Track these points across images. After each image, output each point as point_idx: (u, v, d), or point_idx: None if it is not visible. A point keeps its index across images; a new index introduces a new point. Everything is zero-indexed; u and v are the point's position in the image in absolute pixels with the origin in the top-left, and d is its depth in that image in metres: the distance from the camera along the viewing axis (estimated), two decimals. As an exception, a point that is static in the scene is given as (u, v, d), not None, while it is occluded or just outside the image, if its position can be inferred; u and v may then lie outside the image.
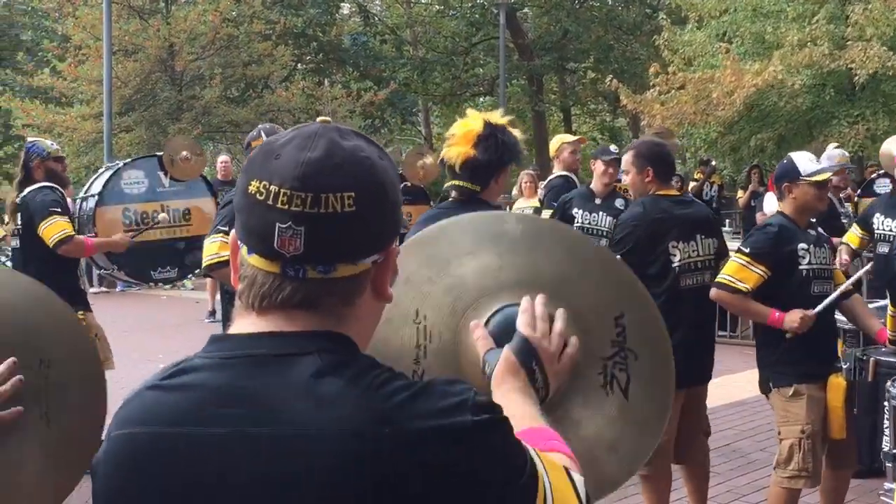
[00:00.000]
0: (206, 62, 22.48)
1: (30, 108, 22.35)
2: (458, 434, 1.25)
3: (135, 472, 1.30)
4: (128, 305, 14.47)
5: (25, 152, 6.54)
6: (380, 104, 26.51)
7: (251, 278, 1.35)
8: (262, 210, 1.31)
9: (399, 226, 1.41)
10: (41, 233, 6.22)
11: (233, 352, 1.33)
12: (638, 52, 29.03)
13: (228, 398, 1.28)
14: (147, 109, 22.38)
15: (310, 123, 1.39)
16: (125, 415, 1.34)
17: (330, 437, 1.23)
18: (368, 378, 1.29)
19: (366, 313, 1.39)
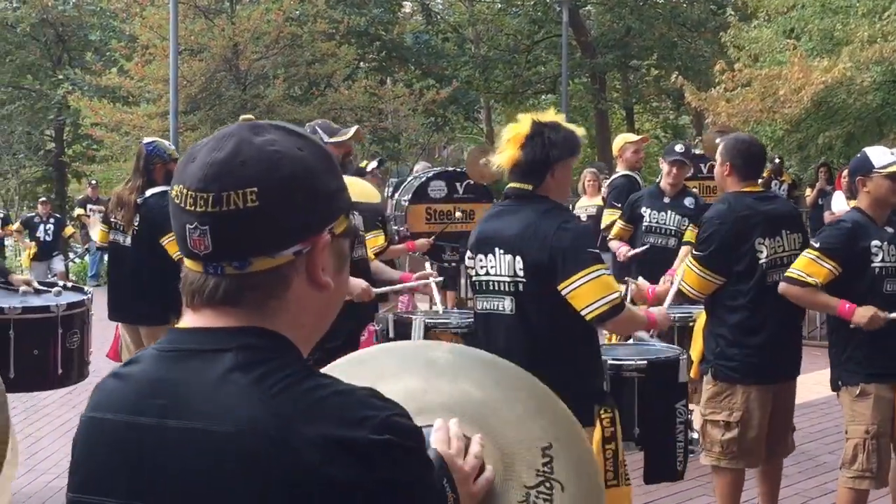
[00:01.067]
0: (270, 61, 22.66)
1: (98, 107, 22.73)
2: (352, 447, 1.25)
3: (90, 452, 1.39)
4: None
5: (147, 154, 6.43)
6: (442, 102, 26.52)
7: (185, 277, 1.40)
8: (177, 213, 1.37)
9: (331, 214, 1.39)
10: (165, 244, 6.14)
11: (172, 345, 1.39)
12: (702, 48, 28.72)
13: (157, 389, 1.34)
14: (212, 108, 22.62)
15: (231, 124, 1.43)
16: (93, 398, 1.44)
17: (230, 435, 1.26)
18: (277, 377, 1.30)
19: (300, 304, 1.39)
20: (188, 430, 1.29)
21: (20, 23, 29.28)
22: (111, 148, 23.66)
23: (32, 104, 30.33)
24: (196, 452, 1.28)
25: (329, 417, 1.26)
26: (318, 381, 1.32)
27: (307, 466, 1.23)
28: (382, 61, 28.47)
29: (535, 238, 3.81)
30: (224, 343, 1.33)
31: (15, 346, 5.27)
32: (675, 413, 4.63)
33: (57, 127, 30.95)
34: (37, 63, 30.74)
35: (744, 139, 5.20)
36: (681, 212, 7.31)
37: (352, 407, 1.29)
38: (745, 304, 4.80)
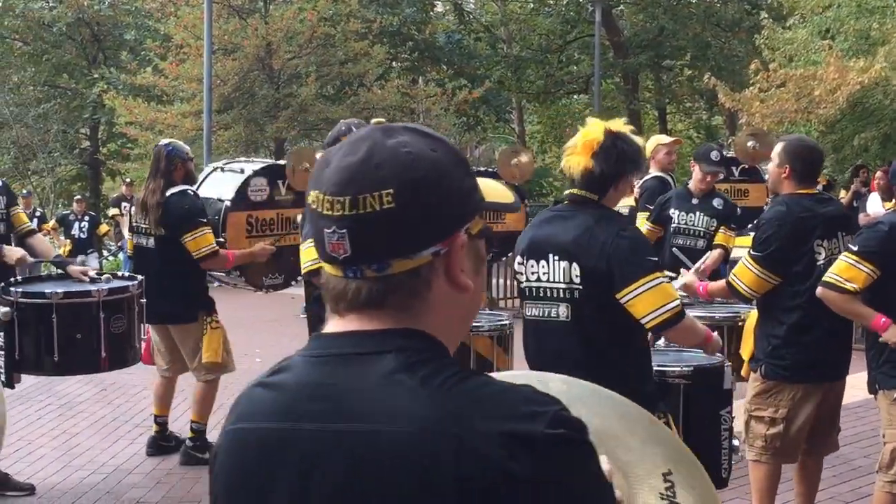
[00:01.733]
0: (303, 60, 22.74)
1: (133, 105, 22.91)
2: (529, 441, 1.24)
3: (242, 463, 1.37)
4: (225, 301, 14.67)
5: (166, 155, 6.53)
6: (474, 102, 26.53)
7: (326, 283, 1.41)
8: (315, 218, 1.37)
9: (466, 214, 1.39)
10: (186, 242, 6.29)
11: (323, 350, 1.38)
12: (736, 49, 28.56)
13: (316, 394, 1.33)
14: (245, 107, 22.73)
15: (364, 128, 1.43)
16: (236, 411, 1.42)
17: (402, 436, 1.25)
18: (442, 376, 1.30)
19: (443, 306, 1.38)
20: (356, 433, 1.28)
21: (56, 22, 29.56)
22: (145, 146, 23.80)
23: (68, 103, 30.61)
24: (367, 454, 1.27)
25: (503, 413, 1.26)
26: (482, 379, 1.32)
27: (487, 462, 1.22)
28: (414, 61, 28.51)
29: (592, 245, 3.78)
30: (381, 345, 1.33)
31: (58, 330, 5.39)
32: (721, 420, 4.60)
33: (92, 125, 31.21)
34: (72, 62, 31.01)
35: (806, 143, 5.19)
36: (709, 213, 7.28)
37: (522, 402, 1.28)
38: (802, 304, 4.79)
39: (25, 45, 31.30)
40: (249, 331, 12.14)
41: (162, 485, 6.32)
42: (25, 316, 5.45)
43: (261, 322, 13.08)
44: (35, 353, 5.45)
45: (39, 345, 5.45)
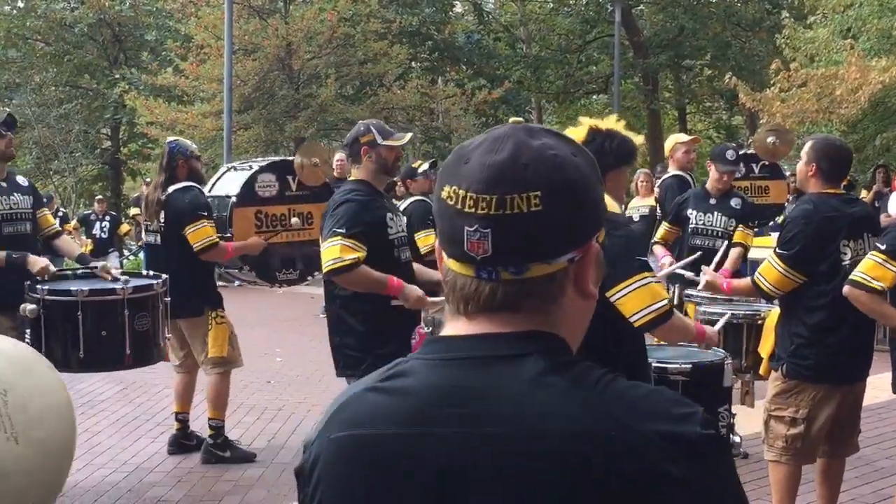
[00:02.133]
0: (323, 61, 22.79)
1: (153, 105, 23.01)
2: (686, 442, 1.23)
3: (359, 473, 1.31)
4: (245, 301, 14.75)
5: (169, 152, 6.68)
6: (493, 102, 26.52)
7: (452, 282, 1.35)
8: (452, 214, 1.31)
9: (600, 222, 1.38)
10: (187, 234, 6.39)
11: (451, 353, 1.33)
12: (757, 48, 28.45)
13: (450, 398, 1.28)
14: (265, 107, 22.80)
15: (503, 125, 1.38)
16: (347, 416, 1.35)
17: (556, 438, 1.22)
18: (593, 378, 1.28)
19: (571, 312, 1.36)
20: (503, 436, 1.24)
21: (78, 23, 29.72)
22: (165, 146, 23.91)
23: (89, 103, 30.78)
24: (520, 458, 1.23)
25: (658, 414, 1.24)
26: (628, 381, 1.30)
27: (648, 464, 1.21)
28: (434, 61, 28.53)
29: None
30: (521, 348, 1.30)
31: (84, 328, 5.43)
32: (719, 417, 4.61)
33: (113, 126, 31.37)
34: (94, 63, 31.19)
35: (834, 142, 5.16)
36: (727, 213, 7.26)
37: (673, 403, 1.27)
38: (826, 304, 4.78)
39: (47, 46, 31.50)
40: (269, 330, 12.19)
41: (183, 483, 6.35)
42: (52, 313, 5.48)
43: (281, 321, 13.12)
44: (61, 350, 5.47)
45: (65, 342, 5.48)
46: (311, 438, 1.39)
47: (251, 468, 6.59)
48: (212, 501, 6.02)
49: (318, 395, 8.59)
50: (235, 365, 6.80)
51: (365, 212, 4.97)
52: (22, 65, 31.37)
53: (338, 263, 4.81)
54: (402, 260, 5.20)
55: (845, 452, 5.19)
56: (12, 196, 6.09)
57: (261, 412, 8.11)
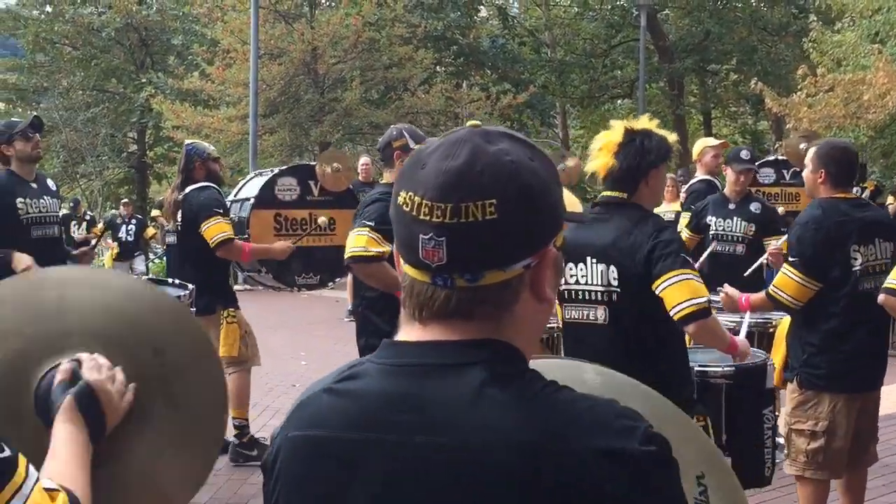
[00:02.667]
0: (348, 65, 22.87)
1: (179, 110, 23.15)
2: (625, 459, 1.22)
3: (311, 473, 1.34)
4: (270, 303, 14.81)
5: (186, 154, 6.78)
6: (518, 107, 26.51)
7: (409, 287, 1.36)
8: (408, 221, 1.32)
9: (557, 226, 1.37)
10: (203, 231, 6.43)
11: (402, 359, 1.34)
12: (783, 53, 28.31)
13: (398, 405, 1.30)
14: (290, 111, 22.90)
15: (460, 128, 1.37)
16: (303, 416, 1.37)
17: (494, 450, 1.22)
18: (535, 390, 1.28)
19: (526, 318, 1.36)
20: (444, 446, 1.25)
21: (105, 27, 29.95)
22: (192, 150, 24.02)
23: (116, 107, 31.01)
24: (459, 468, 1.24)
25: (597, 429, 1.24)
26: (572, 393, 1.29)
27: (582, 480, 1.20)
28: (459, 66, 28.55)
29: (630, 248, 3.82)
30: (467, 357, 1.30)
31: None
32: (763, 419, 4.57)
33: (139, 129, 31.59)
34: (121, 67, 31.42)
35: (838, 145, 5.09)
36: (746, 217, 7.21)
37: (613, 417, 1.26)
38: (837, 311, 4.72)
39: (75, 50, 31.76)
40: (294, 333, 12.23)
41: (209, 486, 6.36)
42: None
43: (306, 325, 13.17)
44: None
45: None
46: (275, 433, 1.42)
47: (277, 471, 6.60)
48: None
49: (342, 398, 8.61)
50: (250, 364, 6.82)
51: None
52: (50, 69, 31.67)
53: (361, 252, 4.88)
54: None
55: (865, 462, 5.12)
56: (42, 199, 6.13)
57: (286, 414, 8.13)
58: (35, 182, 6.17)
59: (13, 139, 6.07)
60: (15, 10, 31.98)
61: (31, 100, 32.40)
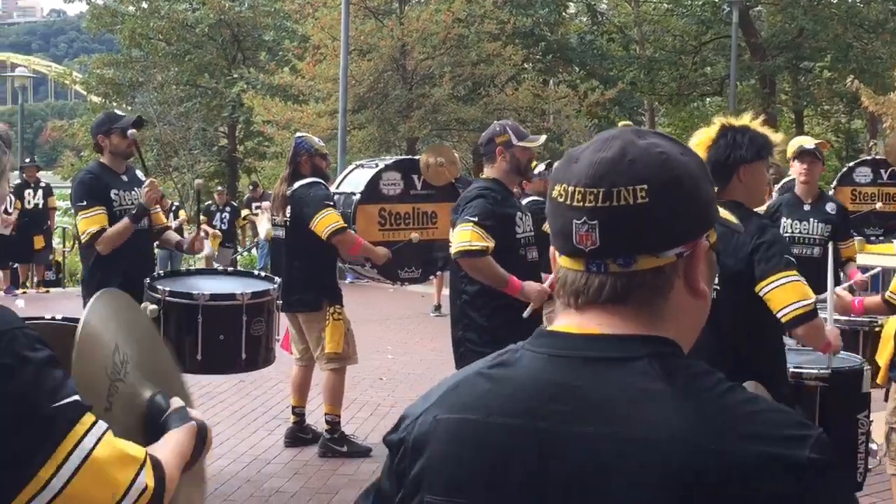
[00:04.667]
0: (437, 61, 22.93)
1: (270, 105, 23.46)
2: (794, 467, 1.21)
3: (465, 457, 1.34)
4: (356, 297, 14.92)
5: (294, 147, 6.87)
6: (605, 104, 26.33)
7: (563, 278, 1.39)
8: (562, 211, 1.36)
9: (709, 221, 1.40)
10: (314, 225, 6.49)
11: (561, 350, 1.35)
12: (879, 50, 27.65)
13: (556, 395, 1.31)
14: (379, 107, 23.05)
15: (612, 129, 1.43)
16: (458, 400, 1.39)
17: (657, 446, 1.23)
18: (704, 387, 1.28)
19: (680, 310, 1.38)
20: (599, 437, 1.26)
21: (199, 24, 30.51)
22: (281, 145, 24.36)
23: (208, 102, 31.56)
24: (614, 461, 1.24)
25: (766, 433, 1.23)
26: (745, 395, 1.30)
27: (742, 481, 1.20)
28: (547, 62, 28.45)
29: (731, 246, 3.78)
30: (631, 351, 1.32)
31: (203, 331, 5.48)
32: (858, 424, 4.49)
33: (230, 124, 32.10)
34: (213, 62, 31.97)
35: None
36: (823, 219, 6.97)
37: (788, 424, 1.26)
38: None
39: (169, 46, 32.39)
40: (381, 327, 12.32)
41: (300, 475, 6.47)
42: (172, 314, 5.53)
43: (392, 319, 13.25)
44: (178, 351, 5.48)
45: (184, 343, 5.52)
46: (413, 412, 1.43)
47: (366, 463, 6.69)
48: (328, 494, 6.12)
49: (430, 393, 8.64)
50: (350, 362, 6.88)
51: (496, 208, 5.08)
52: (145, 64, 32.36)
53: (467, 246, 4.94)
54: (527, 259, 5.29)
55: None
56: (133, 191, 6.21)
57: (374, 408, 8.22)
58: (125, 174, 6.25)
59: (111, 132, 6.15)
60: (112, 6, 32.74)
61: (126, 94, 33.11)
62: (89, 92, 36.47)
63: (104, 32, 34.41)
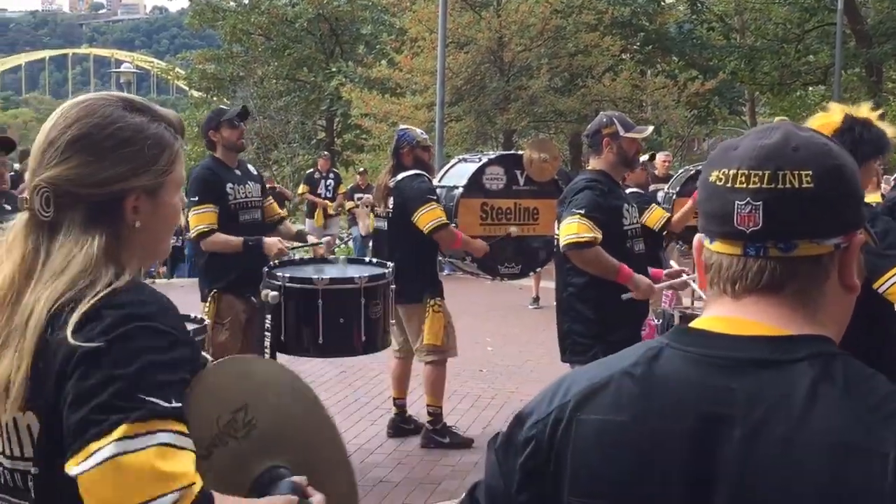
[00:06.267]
0: (534, 53, 22.86)
1: (368, 98, 23.67)
2: None
3: (612, 458, 1.32)
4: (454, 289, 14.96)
5: (397, 138, 6.92)
6: (705, 94, 25.94)
7: (716, 265, 1.38)
8: (721, 194, 1.35)
9: (862, 215, 1.39)
10: (416, 219, 6.54)
11: (712, 350, 1.33)
12: None
13: (709, 397, 1.29)
14: (476, 99, 23.06)
15: (768, 123, 1.45)
16: (601, 401, 1.37)
17: (819, 450, 1.21)
18: (867, 389, 1.26)
19: (834, 303, 1.36)
20: (756, 440, 1.24)
21: (298, 18, 30.95)
22: (379, 138, 24.57)
23: (307, 96, 32.00)
24: (778, 465, 1.22)
25: None
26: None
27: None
28: (646, 52, 28.14)
29: None
30: (789, 353, 1.30)
31: (323, 315, 5.55)
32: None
33: (328, 117, 32.50)
34: (312, 56, 32.40)
35: None
36: None
37: None
38: None
39: (268, 41, 32.91)
40: (480, 319, 12.33)
41: (403, 466, 6.53)
42: (291, 300, 5.61)
43: (489, 311, 13.26)
44: (299, 336, 5.62)
45: (305, 328, 5.61)
46: (541, 411, 1.41)
47: (468, 454, 6.71)
48: (431, 484, 6.16)
49: (530, 385, 8.64)
50: (449, 354, 6.90)
51: (603, 200, 5.05)
52: (245, 59, 32.95)
53: (575, 238, 4.92)
54: (634, 251, 5.25)
55: None
56: (247, 185, 6.31)
57: (475, 400, 8.24)
58: (238, 168, 6.36)
59: (220, 126, 6.25)
60: (214, 2, 33.35)
61: (227, 89, 33.71)
62: (191, 87, 37.31)
63: (205, 28, 35.15)
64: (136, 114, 1.82)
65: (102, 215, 1.77)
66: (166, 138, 1.84)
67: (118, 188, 1.77)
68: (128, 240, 1.80)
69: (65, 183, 1.75)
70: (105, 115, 1.79)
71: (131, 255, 1.82)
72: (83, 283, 1.72)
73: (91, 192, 1.76)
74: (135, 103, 1.85)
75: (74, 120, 1.79)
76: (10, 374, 1.69)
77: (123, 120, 1.79)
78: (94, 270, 1.73)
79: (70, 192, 1.76)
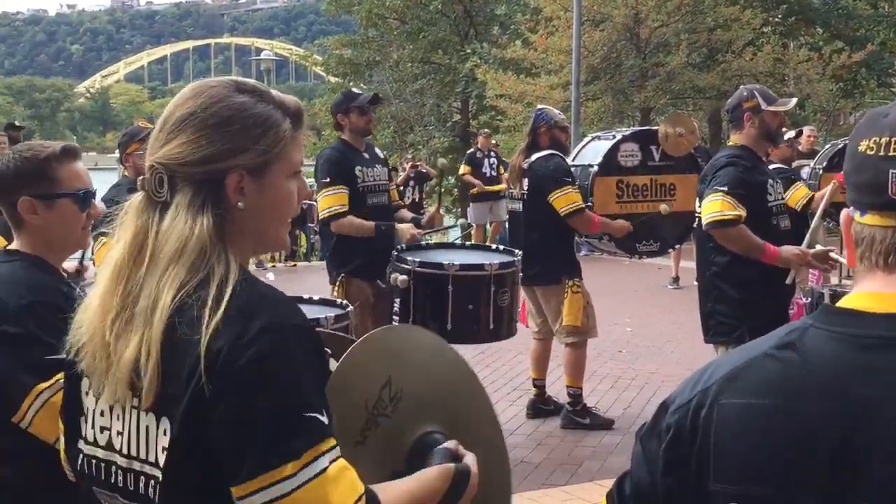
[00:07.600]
0: (671, 28, 22.42)
1: (502, 79, 23.63)
2: None
3: (761, 443, 1.29)
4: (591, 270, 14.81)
5: (534, 118, 6.90)
6: (852, 67, 24.99)
7: (868, 239, 1.31)
8: (872, 163, 1.29)
9: None
10: (552, 200, 6.52)
11: (862, 330, 1.28)
12: None
13: (861, 379, 1.24)
14: (612, 78, 22.77)
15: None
16: (745, 384, 1.33)
17: None
18: None
19: None
20: None
21: (432, 1, 31.03)
22: (514, 119, 24.49)
23: (442, 78, 32.08)
24: None
25: None
26: None
27: None
28: (788, 25, 27.25)
29: None
30: None
31: (452, 300, 5.57)
32: None
33: (463, 99, 32.52)
34: (446, 38, 32.43)
35: None
36: None
37: None
38: None
39: (403, 24, 33.09)
40: (618, 300, 12.21)
41: (543, 446, 6.51)
42: (422, 285, 5.63)
43: (628, 291, 13.12)
44: (428, 321, 5.62)
45: (434, 313, 5.63)
46: (683, 397, 1.38)
47: (609, 435, 6.65)
48: (572, 465, 6.13)
49: (670, 366, 8.50)
50: (590, 335, 6.84)
51: (746, 176, 4.93)
52: (381, 43, 33.24)
53: (718, 216, 4.82)
54: (780, 228, 5.09)
55: None
56: (375, 168, 6.35)
57: (614, 380, 8.16)
58: (366, 151, 6.40)
59: (350, 111, 6.29)
60: (350, -12, 33.76)
61: (363, 74, 34.09)
62: (328, 73, 37.87)
63: (341, 14, 35.57)
64: (245, 95, 1.80)
65: (208, 195, 1.73)
66: (273, 119, 1.81)
67: (221, 166, 1.74)
68: (235, 223, 1.75)
69: (172, 162, 1.74)
70: (212, 96, 1.78)
71: (242, 241, 1.77)
72: (202, 273, 1.68)
73: (194, 170, 1.74)
74: (246, 85, 1.83)
75: (184, 100, 1.80)
76: (139, 359, 1.65)
77: (229, 100, 1.78)
78: (209, 256, 1.70)
79: (177, 172, 1.74)
